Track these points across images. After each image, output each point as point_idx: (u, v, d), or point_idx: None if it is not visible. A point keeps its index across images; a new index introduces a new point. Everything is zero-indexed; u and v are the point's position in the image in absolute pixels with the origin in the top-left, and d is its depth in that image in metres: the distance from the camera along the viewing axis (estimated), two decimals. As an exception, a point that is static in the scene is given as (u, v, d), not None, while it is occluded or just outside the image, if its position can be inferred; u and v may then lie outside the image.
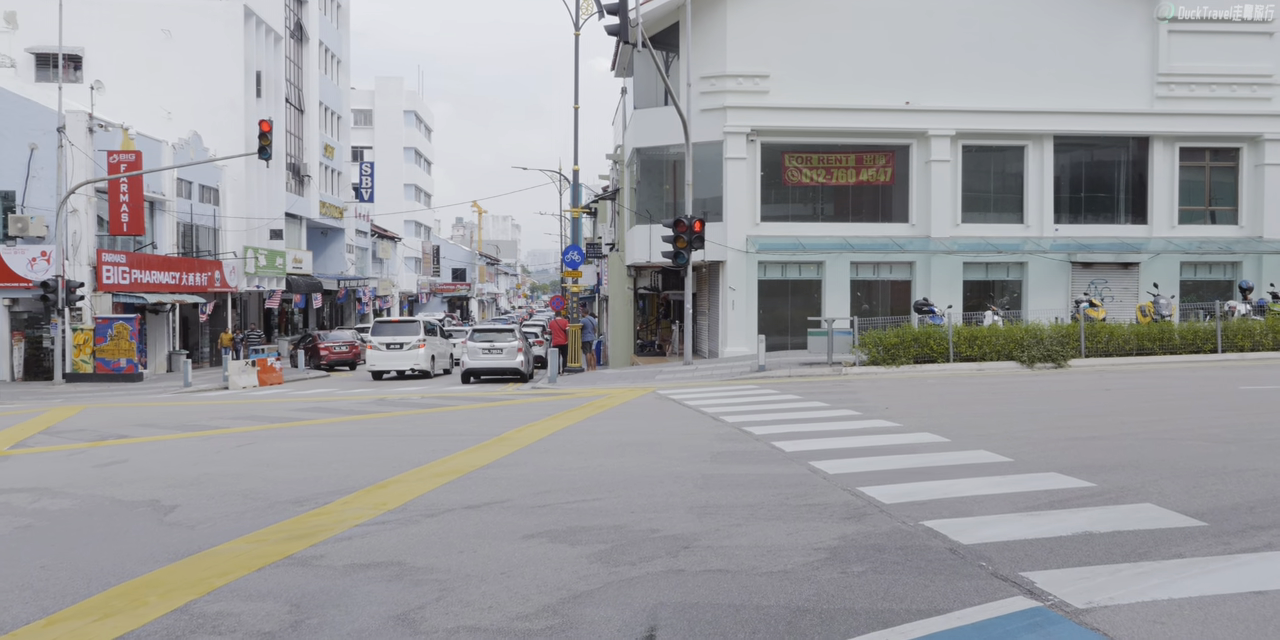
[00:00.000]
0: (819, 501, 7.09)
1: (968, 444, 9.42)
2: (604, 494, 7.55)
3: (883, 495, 7.21)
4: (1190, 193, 27.01)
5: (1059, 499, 6.91)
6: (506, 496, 7.52)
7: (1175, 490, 7.06)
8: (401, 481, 8.29)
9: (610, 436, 10.82)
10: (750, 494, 7.39)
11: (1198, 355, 18.74)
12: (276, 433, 12.43)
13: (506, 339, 24.47)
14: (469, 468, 8.89)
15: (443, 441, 10.88)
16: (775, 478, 8.03)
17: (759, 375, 18.65)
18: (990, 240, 25.50)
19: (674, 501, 7.19)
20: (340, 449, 10.68)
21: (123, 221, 27.53)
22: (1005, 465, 8.26)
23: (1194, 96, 25.93)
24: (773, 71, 24.81)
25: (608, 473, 8.47)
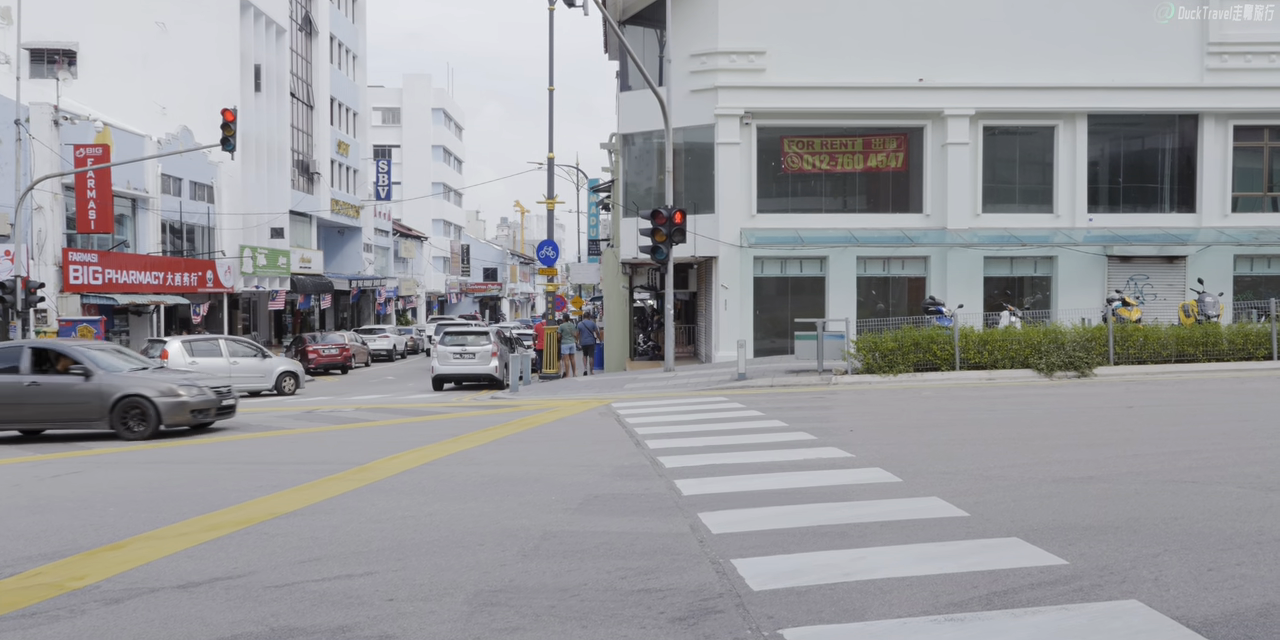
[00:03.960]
0: (663, 585, 5.02)
1: (922, 487, 7.24)
2: (388, 564, 5.58)
3: (758, 574, 5.14)
4: (1245, 177, 24.06)
5: (1007, 588, 4.75)
6: (255, 567, 5.59)
7: (1180, 575, 4.85)
8: (153, 538, 6.41)
9: (488, 469, 8.82)
10: (579, 569, 5.35)
11: (1248, 363, 16.09)
12: (121, 458, 10.66)
13: (480, 343, 22.62)
14: (264, 516, 6.98)
15: (288, 473, 8.98)
16: (635, 540, 5.97)
17: (737, 385, 16.50)
18: (1015, 232, 22.90)
19: (466, 581, 5.20)
20: (158, 483, 8.85)
21: (90, 218, 26.24)
22: (955, 523, 6.09)
23: (1250, 68, 23.00)
24: (770, 47, 22.53)
25: (429, 527, 6.49)
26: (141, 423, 12.46)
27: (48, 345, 13.43)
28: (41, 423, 13.04)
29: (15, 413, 12.75)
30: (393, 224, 62.57)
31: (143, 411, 12.45)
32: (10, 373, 12.75)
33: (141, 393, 12.47)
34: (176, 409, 12.57)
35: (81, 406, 12.54)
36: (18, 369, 12.75)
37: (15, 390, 12.62)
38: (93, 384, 12.54)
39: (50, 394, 12.62)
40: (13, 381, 12.67)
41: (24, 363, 12.79)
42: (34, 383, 12.61)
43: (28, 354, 12.90)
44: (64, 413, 12.70)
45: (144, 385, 12.60)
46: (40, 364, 12.90)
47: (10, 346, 13.46)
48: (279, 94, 42.07)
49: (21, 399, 12.63)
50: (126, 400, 12.43)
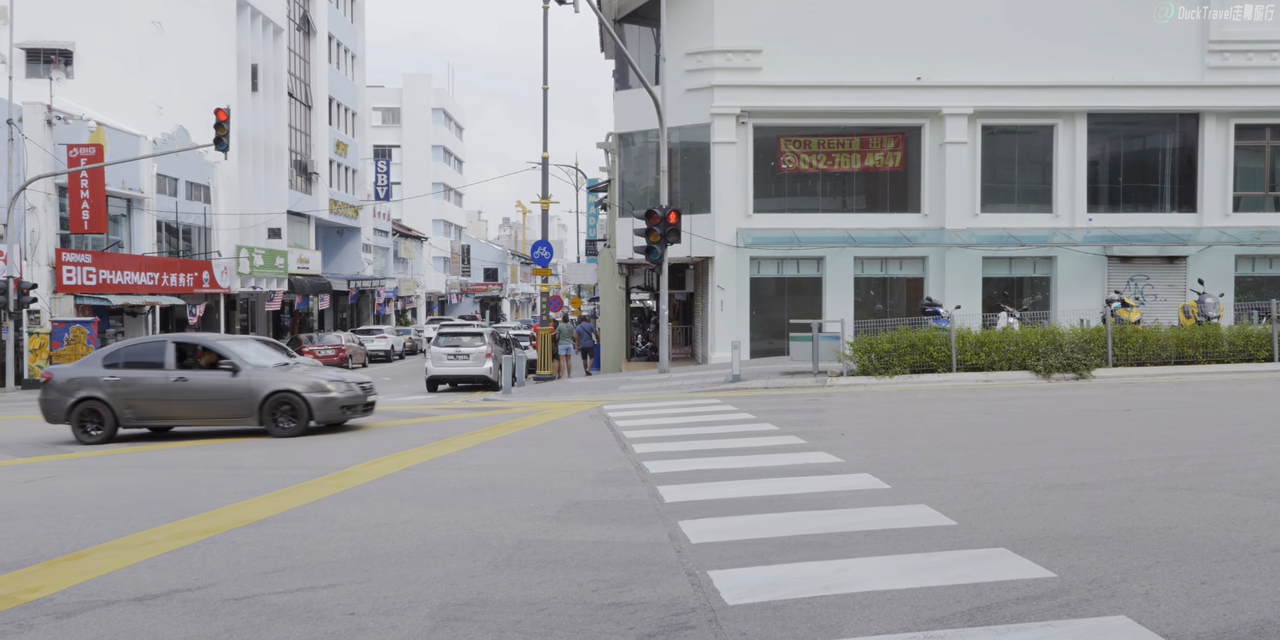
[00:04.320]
0: (635, 598, 4.84)
1: (910, 494, 7.06)
2: (353, 575, 5.40)
3: (734, 587, 4.96)
4: (1247, 176, 23.83)
5: (991, 602, 4.57)
6: (216, 578, 5.42)
7: (1172, 589, 4.67)
8: (117, 547, 6.23)
9: (470, 474, 8.64)
10: (550, 581, 5.17)
11: (1249, 365, 15.86)
12: (99, 463, 10.49)
13: (474, 344, 22.42)
14: (234, 524, 6.80)
15: (265, 478, 8.80)
16: (611, 550, 5.79)
17: (732, 387, 16.31)
18: (1014, 232, 22.68)
19: (432, 593, 5.03)
20: (132, 488, 8.67)
21: (83, 219, 26.09)
22: (942, 533, 5.91)
23: (1252, 66, 22.76)
24: (766, 46, 22.33)
25: (401, 536, 6.31)
26: (292, 419, 11.97)
27: (191, 339, 12.84)
28: (188, 420, 12.43)
29: (163, 409, 12.20)
30: (392, 224, 62.38)
31: (293, 408, 11.95)
32: (154, 368, 12.18)
33: (292, 388, 11.95)
34: (326, 405, 12.05)
35: (231, 403, 12.00)
36: (162, 364, 12.19)
37: (162, 386, 12.07)
38: (241, 379, 11.99)
39: (198, 390, 12.04)
40: (158, 377, 12.11)
41: (168, 358, 12.22)
42: (181, 378, 12.06)
43: (171, 349, 12.34)
44: (212, 409, 12.14)
45: (293, 381, 12.07)
46: (183, 359, 12.36)
47: (153, 341, 12.97)
48: (276, 94, 41.91)
49: (169, 396, 12.09)
50: (276, 396, 11.92)
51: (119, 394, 12.09)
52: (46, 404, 12.41)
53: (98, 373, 12.22)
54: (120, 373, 12.18)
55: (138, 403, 12.11)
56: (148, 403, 12.13)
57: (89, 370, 12.35)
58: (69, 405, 12.16)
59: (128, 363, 12.35)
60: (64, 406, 12.19)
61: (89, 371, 12.31)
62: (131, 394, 12.08)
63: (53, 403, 12.32)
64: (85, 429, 12.18)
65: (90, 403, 12.10)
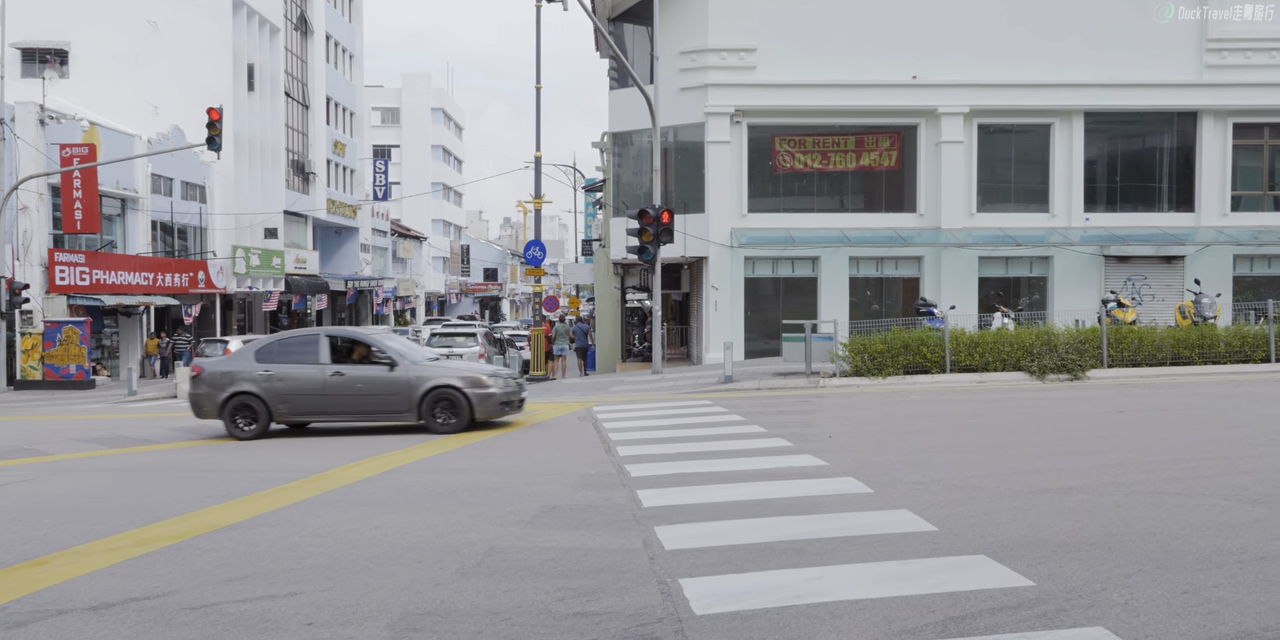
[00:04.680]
0: (602, 607, 4.72)
1: (893, 499, 6.93)
2: (317, 583, 5.28)
3: (704, 596, 4.83)
4: (1245, 175, 23.68)
5: (966, 613, 4.44)
6: (177, 586, 5.30)
7: (1153, 598, 4.54)
8: (80, 554, 6.12)
9: (448, 477, 8.51)
10: (517, 589, 5.05)
11: (1245, 366, 15.70)
12: (77, 465, 10.37)
13: (467, 345, 22.29)
14: (203, 529, 6.68)
15: (242, 482, 8.68)
16: (583, 556, 5.66)
17: (723, 388, 16.18)
18: (1010, 232, 22.53)
19: (394, 602, 4.91)
20: (106, 492, 8.56)
21: (76, 219, 25.97)
22: (922, 539, 5.78)
23: (1250, 64, 22.60)
24: (760, 44, 22.19)
25: (370, 542, 6.19)
26: (452, 415, 11.55)
27: (343, 333, 12.50)
28: (344, 416, 11.96)
29: (318, 405, 11.78)
30: (391, 224, 62.26)
31: (453, 403, 11.54)
32: (308, 363, 11.78)
33: (452, 384, 11.53)
34: (486, 400, 11.63)
35: (390, 398, 11.57)
36: (316, 359, 11.80)
37: (318, 381, 11.67)
38: (399, 374, 11.58)
39: (355, 385, 11.64)
40: (314, 372, 11.70)
41: (322, 352, 11.83)
42: (337, 373, 11.66)
43: (325, 343, 11.94)
44: (370, 405, 11.70)
45: (452, 375, 11.69)
46: (335, 353, 11.98)
47: (304, 334, 12.45)
48: (273, 93, 41.81)
49: (325, 391, 11.67)
50: (436, 391, 11.51)
51: (273, 389, 11.74)
52: (197, 398, 12.05)
53: (251, 367, 11.86)
54: (274, 367, 11.82)
55: (292, 398, 11.76)
56: (303, 398, 11.74)
57: (241, 364, 12.00)
58: (222, 400, 11.80)
59: (280, 357, 11.95)
60: (216, 401, 11.84)
61: (242, 365, 11.96)
62: (286, 389, 11.74)
63: (204, 397, 11.95)
64: (238, 424, 11.85)
65: (243, 397, 11.75)
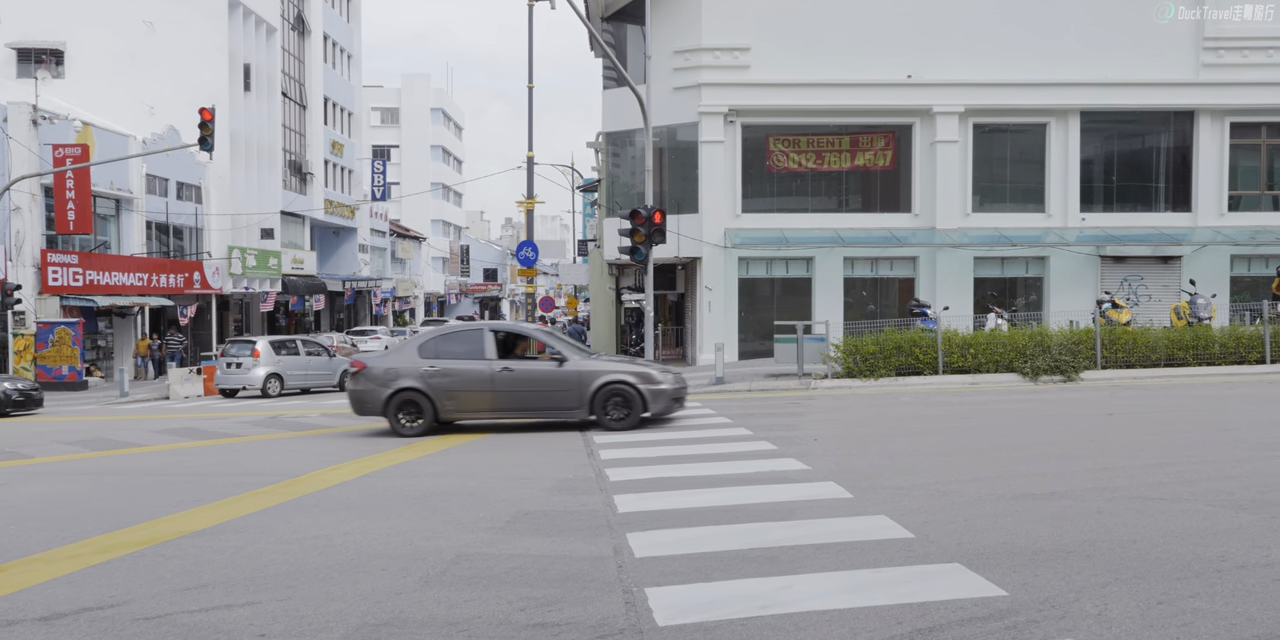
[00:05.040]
0: (564, 618, 4.61)
1: (872, 504, 6.81)
2: (276, 592, 5.17)
3: (669, 606, 4.73)
4: (1243, 175, 23.55)
5: (934, 624, 4.33)
6: (133, 595, 5.20)
7: (1127, 609, 4.42)
8: (41, 561, 6.02)
9: (425, 482, 8.40)
10: (479, 599, 4.94)
11: (1240, 367, 15.56)
12: (55, 469, 10.27)
13: (460, 345, 22.10)
14: (169, 535, 6.58)
15: (216, 486, 8.57)
16: (550, 564, 5.55)
17: (714, 389, 16.06)
18: (1006, 232, 22.39)
19: (352, 612, 4.80)
20: (79, 496, 8.45)
21: (69, 219, 25.89)
22: (897, 546, 5.66)
23: (1247, 63, 22.46)
24: (754, 43, 22.06)
25: (337, 549, 6.08)
26: (624, 411, 11.27)
27: (506, 327, 12.27)
28: (513, 412, 11.61)
29: (486, 401, 11.48)
30: (390, 224, 62.15)
31: (626, 399, 11.27)
32: (473, 359, 11.46)
33: (625, 379, 11.28)
34: (659, 396, 11.37)
35: (561, 394, 11.31)
36: (482, 354, 11.48)
37: (485, 377, 11.37)
38: (569, 369, 11.32)
39: (525, 381, 11.33)
40: (482, 368, 11.40)
41: (488, 347, 11.51)
42: (506, 369, 11.35)
43: (490, 338, 11.63)
44: (539, 401, 11.42)
45: (624, 371, 11.41)
46: (499, 348, 11.70)
47: (466, 329, 12.16)
48: (270, 93, 41.71)
49: (494, 387, 11.34)
50: (609, 387, 11.24)
51: (439, 385, 11.41)
52: (359, 395, 11.70)
53: (416, 363, 11.54)
54: (439, 363, 11.49)
55: (460, 394, 11.44)
56: (470, 394, 11.43)
57: (406, 360, 11.64)
58: (386, 396, 11.46)
59: (444, 352, 11.64)
60: (380, 398, 11.50)
61: (406, 361, 11.61)
62: (453, 385, 11.40)
63: (366, 394, 11.61)
64: (401, 421, 11.55)
65: (408, 394, 11.44)
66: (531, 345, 12.04)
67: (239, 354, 23.32)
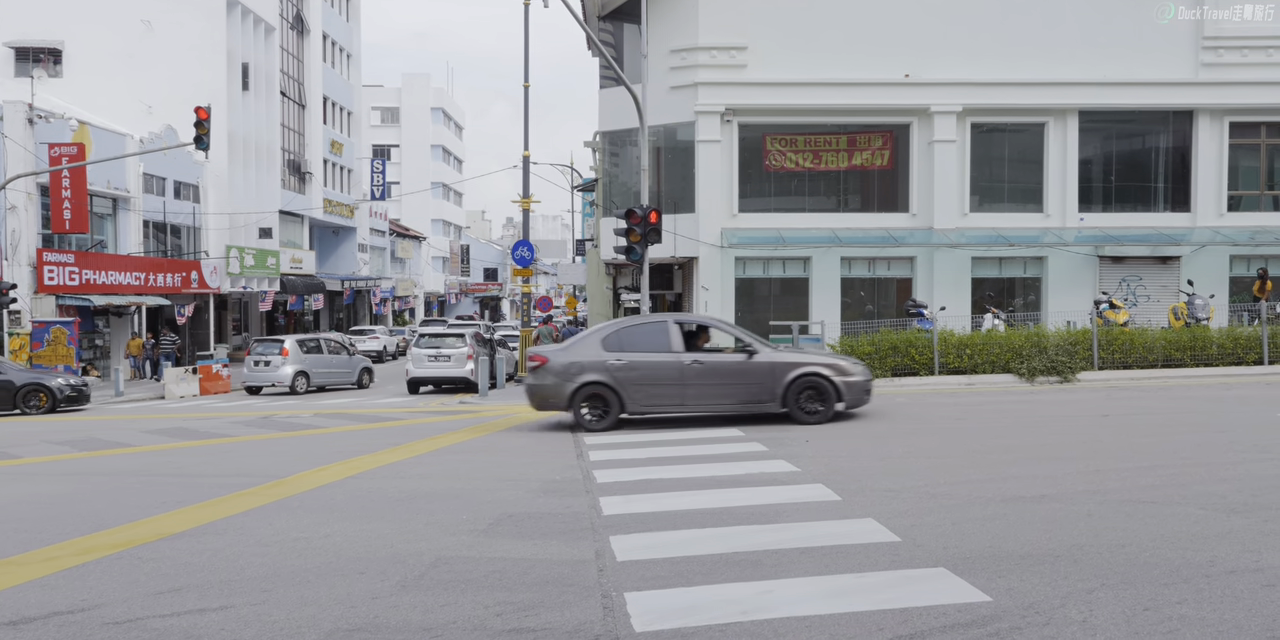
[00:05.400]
0: (540, 623, 4.54)
1: (859, 507, 6.73)
2: (251, 596, 5.10)
3: (647, 611, 4.65)
4: (1242, 175, 23.43)
5: (916, 631, 4.27)
6: (106, 599, 5.13)
7: (1112, 616, 4.35)
8: (15, 564, 5.98)
9: (411, 483, 8.33)
10: (456, 603, 4.87)
11: (1238, 368, 15.48)
12: (40, 469, 10.20)
13: (456, 346, 22.11)
14: (148, 537, 6.51)
15: (202, 488, 8.50)
16: (530, 568, 5.48)
17: (709, 389, 15.95)
18: (1004, 232, 22.29)
19: (326, 617, 4.73)
20: (62, 497, 8.38)
21: (65, 218, 25.82)
22: (882, 550, 5.59)
23: (1247, 62, 22.34)
24: (751, 42, 21.96)
25: (317, 552, 6.01)
26: (820, 404, 11.15)
27: (689, 319, 12.15)
28: (702, 405, 11.47)
29: (675, 395, 11.32)
30: (390, 224, 62.07)
31: (820, 391, 11.15)
32: (660, 351, 11.32)
33: (819, 371, 11.16)
34: (853, 388, 11.27)
35: (753, 387, 11.18)
36: (667, 347, 11.34)
37: (674, 370, 11.21)
38: (760, 361, 11.21)
39: (715, 374, 11.20)
40: (671, 360, 11.24)
41: (674, 340, 11.35)
42: (696, 361, 11.22)
43: (675, 330, 11.48)
44: (731, 394, 11.27)
45: (818, 362, 11.34)
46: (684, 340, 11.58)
47: (651, 322, 11.97)
48: (268, 93, 41.64)
49: (683, 380, 11.20)
50: (804, 379, 11.12)
51: (626, 378, 11.26)
52: (541, 389, 11.54)
53: (600, 356, 11.37)
54: (626, 356, 11.34)
55: (648, 387, 11.29)
56: (660, 387, 11.28)
57: (589, 353, 11.46)
58: (571, 391, 11.32)
59: (629, 345, 11.49)
60: (564, 392, 11.34)
61: (590, 355, 11.43)
62: (640, 378, 11.27)
63: (550, 388, 11.44)
64: (587, 415, 11.41)
65: (594, 387, 11.28)
66: (718, 337, 11.76)
67: (267, 352, 23.85)
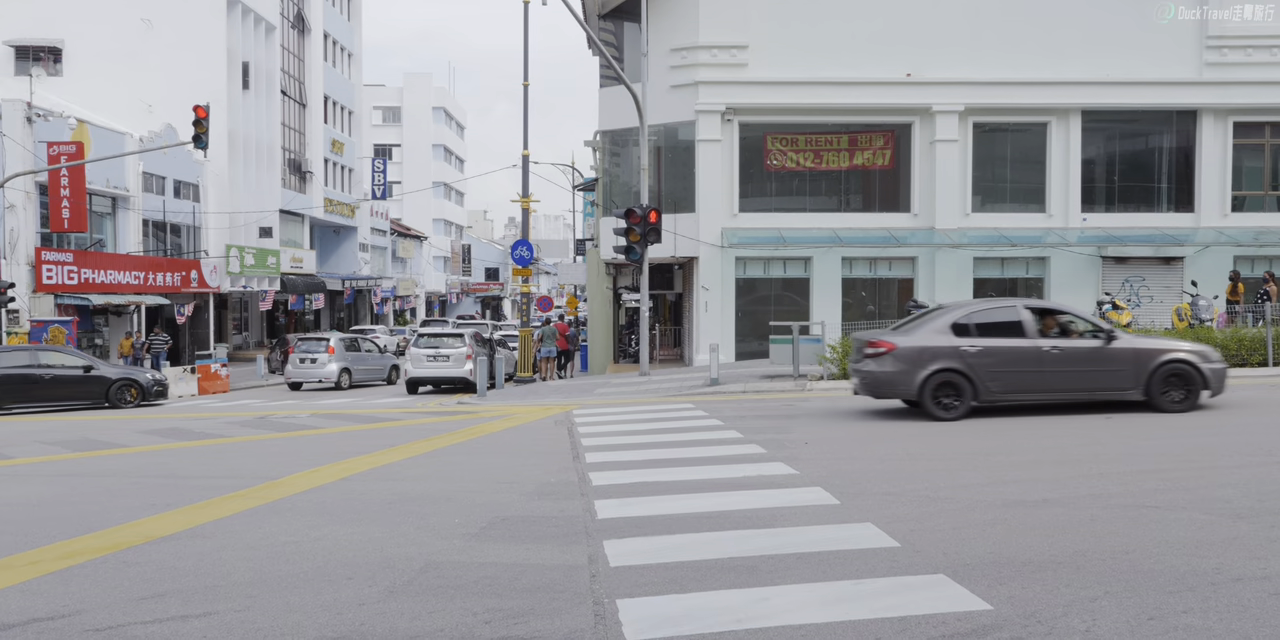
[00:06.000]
0: (528, 631, 4.44)
1: (858, 511, 6.62)
2: (235, 602, 4.99)
3: (639, 619, 4.55)
4: (1246, 175, 23.31)
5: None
6: (88, 605, 5.02)
7: (1116, 625, 4.23)
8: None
9: (404, 485, 8.23)
10: (444, 610, 4.76)
11: (1242, 369, 15.29)
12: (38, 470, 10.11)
13: (455, 346, 22.01)
14: (135, 541, 6.41)
15: (193, 489, 8.40)
16: (521, 573, 5.37)
17: (709, 390, 15.87)
18: (1006, 232, 22.18)
19: (310, 624, 4.63)
20: (51, 499, 8.29)
21: (63, 217, 25.76)
22: (881, 556, 5.48)
23: (1251, 62, 22.22)
24: (752, 41, 21.86)
25: (305, 556, 5.90)
26: (1183, 391, 10.80)
27: (1039, 304, 11.75)
28: (1058, 393, 11.16)
29: (1034, 382, 11.04)
30: (391, 223, 61.99)
31: (1185, 379, 10.82)
32: (1015, 337, 10.92)
33: (1184, 358, 10.81)
34: (1217, 376, 10.92)
35: (1113, 374, 10.85)
36: (1023, 332, 10.92)
37: (1033, 357, 10.86)
38: (1121, 347, 10.86)
39: (1075, 360, 10.87)
40: (1028, 347, 10.87)
41: (1028, 326, 10.95)
42: (1055, 347, 10.87)
43: (1029, 316, 11.06)
44: (1089, 381, 10.97)
45: (1181, 348, 10.94)
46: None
47: (1001, 306, 11.51)
48: (269, 92, 41.58)
49: (1042, 366, 10.86)
50: (1170, 366, 10.78)
51: (981, 364, 10.88)
52: (885, 377, 11.20)
53: (951, 342, 10.98)
54: (979, 341, 10.95)
55: (1005, 374, 10.93)
56: (1018, 374, 10.94)
57: (938, 339, 11.07)
58: (922, 378, 10.94)
59: (978, 331, 11.09)
60: (914, 379, 10.96)
61: (939, 340, 11.04)
62: (996, 364, 10.90)
63: (896, 375, 11.09)
64: (940, 403, 10.98)
65: (947, 374, 10.92)
66: (1068, 322, 11.41)
67: (313, 350, 24.72)
